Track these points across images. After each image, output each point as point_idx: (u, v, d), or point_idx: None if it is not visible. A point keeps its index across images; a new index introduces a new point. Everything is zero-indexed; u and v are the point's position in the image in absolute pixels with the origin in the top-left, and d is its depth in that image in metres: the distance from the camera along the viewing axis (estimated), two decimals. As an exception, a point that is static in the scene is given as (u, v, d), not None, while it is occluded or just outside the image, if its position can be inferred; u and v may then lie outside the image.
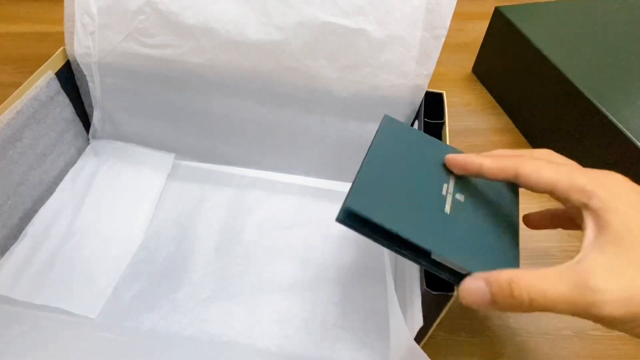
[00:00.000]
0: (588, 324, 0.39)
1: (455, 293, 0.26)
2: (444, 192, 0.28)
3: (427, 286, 0.27)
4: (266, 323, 0.37)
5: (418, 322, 0.28)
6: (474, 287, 0.22)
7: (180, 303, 0.38)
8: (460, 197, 0.28)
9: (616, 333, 0.39)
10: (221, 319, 0.37)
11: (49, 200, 0.44)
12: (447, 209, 0.27)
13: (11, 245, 0.40)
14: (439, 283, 0.26)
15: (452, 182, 0.29)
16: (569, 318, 0.39)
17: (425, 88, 0.41)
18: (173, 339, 0.36)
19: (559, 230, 0.46)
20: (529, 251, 0.45)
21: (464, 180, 0.29)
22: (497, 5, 0.58)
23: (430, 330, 0.30)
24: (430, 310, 0.28)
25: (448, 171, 0.30)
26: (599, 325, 0.38)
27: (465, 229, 0.27)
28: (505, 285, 0.21)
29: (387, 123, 0.32)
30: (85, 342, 0.35)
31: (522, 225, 0.47)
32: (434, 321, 0.29)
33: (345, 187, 0.47)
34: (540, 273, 0.21)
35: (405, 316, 0.31)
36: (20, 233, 0.41)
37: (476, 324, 0.39)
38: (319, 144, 0.46)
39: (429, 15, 0.38)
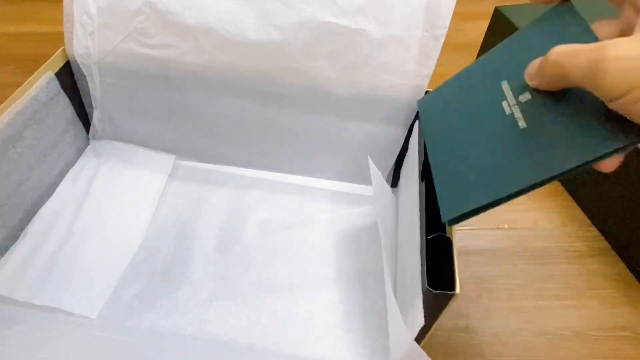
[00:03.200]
0: (588, 324, 0.40)
1: (456, 292, 0.26)
2: (507, 111, 0.27)
3: (428, 285, 0.26)
4: (266, 323, 0.37)
5: (419, 322, 0.28)
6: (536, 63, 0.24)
7: (180, 303, 0.38)
8: (524, 97, 0.26)
9: (616, 333, 0.39)
10: (221, 319, 0.37)
11: (49, 200, 0.44)
12: (521, 124, 0.26)
13: (11, 245, 0.40)
14: (441, 282, 0.26)
15: (508, 90, 0.27)
16: (569, 318, 0.40)
17: (425, 88, 0.41)
18: (173, 339, 0.36)
19: (560, 230, 0.47)
20: (529, 251, 0.45)
21: (518, 75, 0.27)
22: (497, 5, 0.58)
23: (431, 330, 0.30)
24: (432, 310, 0.28)
25: (501, 75, 0.28)
26: (599, 326, 0.39)
27: (549, 123, 0.25)
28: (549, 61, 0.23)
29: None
30: (85, 342, 0.35)
31: (523, 225, 0.47)
32: (434, 321, 0.29)
33: (345, 187, 0.47)
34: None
35: (406, 316, 0.31)
36: (20, 233, 0.41)
37: (476, 324, 0.40)
38: (319, 144, 0.46)
39: (429, 15, 0.38)
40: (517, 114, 0.26)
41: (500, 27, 0.57)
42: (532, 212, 0.49)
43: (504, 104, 0.27)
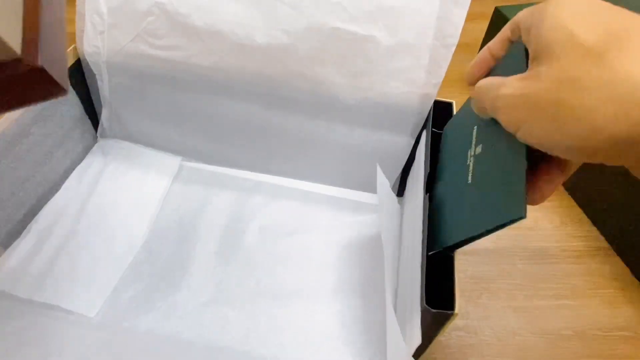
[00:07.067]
0: (588, 324, 0.40)
1: (454, 311, 0.25)
2: (467, 161, 0.28)
3: (427, 302, 0.26)
4: (263, 330, 0.37)
5: (416, 340, 0.27)
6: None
7: (178, 306, 0.38)
8: (478, 149, 0.28)
9: (616, 333, 0.39)
10: (218, 325, 0.37)
11: (54, 197, 0.44)
12: (469, 179, 0.28)
13: (14, 241, 0.41)
14: (440, 299, 0.26)
15: (474, 137, 0.28)
16: (569, 318, 0.40)
17: (434, 97, 0.40)
18: (169, 342, 0.36)
19: (560, 230, 0.47)
20: (529, 251, 0.45)
21: (485, 125, 0.28)
22: (497, 5, 0.57)
23: (429, 348, 0.29)
24: (430, 328, 0.27)
25: (474, 117, 0.28)
26: (599, 326, 0.39)
27: (480, 186, 0.27)
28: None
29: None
30: (81, 341, 0.35)
31: (523, 225, 0.47)
32: (433, 338, 0.28)
33: (349, 194, 0.47)
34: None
35: (404, 332, 0.30)
36: (24, 229, 0.42)
37: (475, 324, 0.39)
38: (324, 150, 0.46)
39: (440, 23, 0.37)
40: (471, 166, 0.28)
41: (500, 27, 0.55)
42: (532, 212, 0.47)
43: (469, 152, 0.29)
